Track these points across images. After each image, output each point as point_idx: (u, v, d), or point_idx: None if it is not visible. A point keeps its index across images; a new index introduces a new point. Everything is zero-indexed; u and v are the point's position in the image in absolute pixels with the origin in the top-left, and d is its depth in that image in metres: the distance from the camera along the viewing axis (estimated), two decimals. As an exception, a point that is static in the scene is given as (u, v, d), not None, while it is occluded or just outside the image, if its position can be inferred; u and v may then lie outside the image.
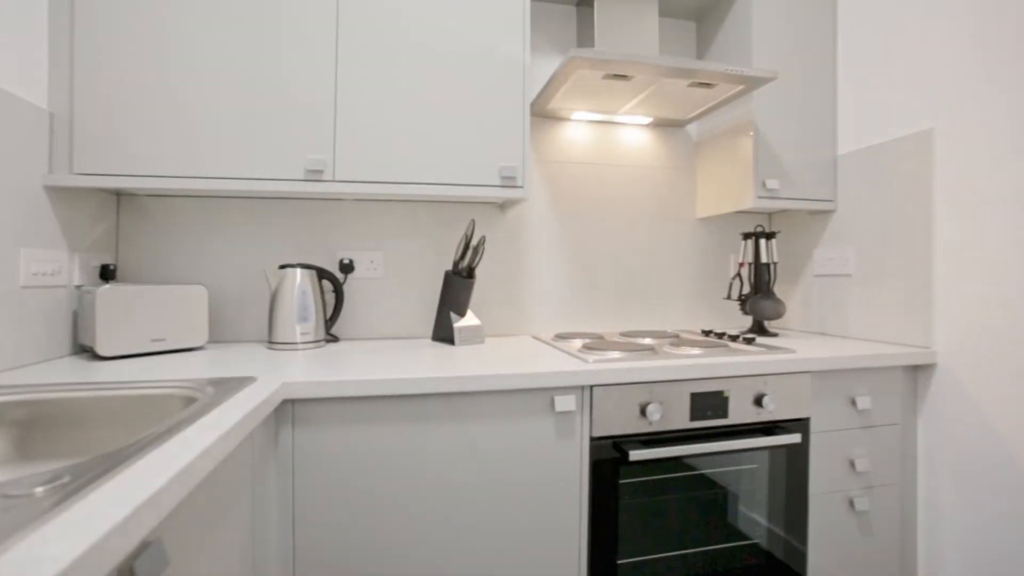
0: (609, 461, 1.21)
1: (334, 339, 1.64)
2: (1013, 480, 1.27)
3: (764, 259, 1.75)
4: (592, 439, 1.20)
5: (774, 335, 1.74)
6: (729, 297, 1.82)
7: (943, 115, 1.42)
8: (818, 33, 1.74)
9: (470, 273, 1.61)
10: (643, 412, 1.22)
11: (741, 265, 1.84)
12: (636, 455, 1.18)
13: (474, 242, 1.74)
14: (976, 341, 1.34)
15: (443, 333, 1.61)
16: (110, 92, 1.25)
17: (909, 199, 1.51)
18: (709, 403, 1.27)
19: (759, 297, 1.72)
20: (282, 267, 1.50)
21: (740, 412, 1.29)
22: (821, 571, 1.39)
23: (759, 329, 1.77)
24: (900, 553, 1.47)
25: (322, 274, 1.57)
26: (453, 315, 1.60)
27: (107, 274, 1.38)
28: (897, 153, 1.54)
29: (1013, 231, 1.27)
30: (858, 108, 1.67)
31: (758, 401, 1.30)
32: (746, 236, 1.79)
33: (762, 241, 1.76)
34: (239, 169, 1.32)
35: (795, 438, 1.30)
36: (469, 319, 1.62)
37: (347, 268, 1.66)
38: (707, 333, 1.70)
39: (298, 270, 1.48)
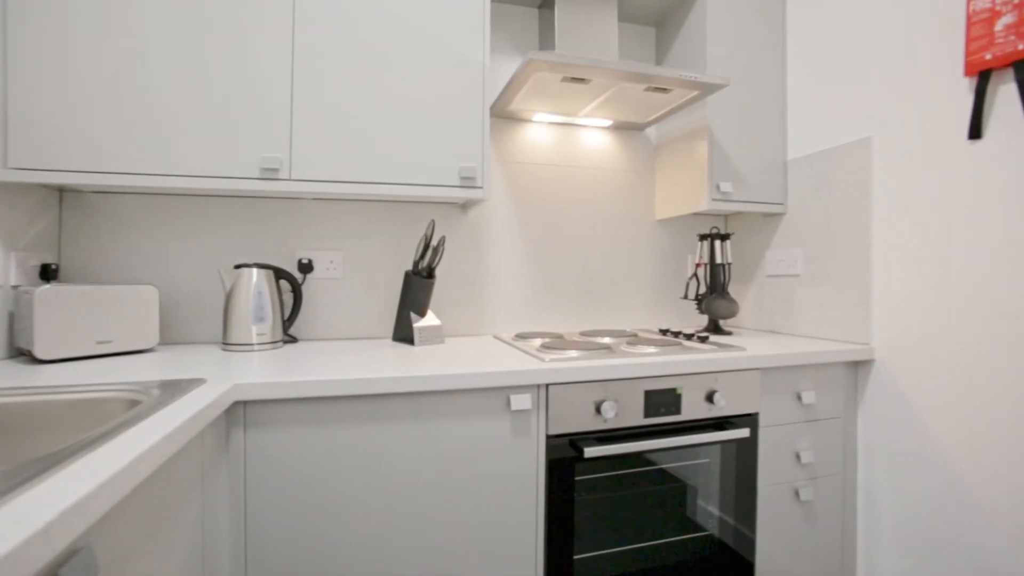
0: (565, 458, 1.23)
1: (292, 340, 1.62)
2: (938, 466, 1.34)
3: (719, 260, 1.80)
4: (548, 437, 1.22)
5: (728, 333, 1.80)
6: (686, 297, 1.87)
7: (880, 125, 1.50)
8: (769, 44, 1.81)
9: (430, 273, 1.61)
10: (598, 410, 1.25)
11: (698, 266, 1.89)
12: (591, 452, 1.20)
13: (434, 242, 1.74)
14: (908, 338, 1.42)
15: (403, 333, 1.61)
16: (50, 84, 1.20)
17: (850, 203, 1.58)
18: (663, 400, 1.30)
19: (714, 297, 1.78)
20: (237, 267, 1.46)
21: (692, 408, 1.34)
22: (769, 558, 1.44)
23: (714, 328, 1.82)
24: (841, 537, 1.54)
25: (279, 274, 1.54)
26: (413, 315, 1.59)
27: (48, 274, 1.33)
28: (839, 159, 1.61)
29: (942, 235, 1.34)
30: (805, 116, 1.74)
31: (710, 397, 1.35)
32: (702, 237, 1.84)
33: (717, 242, 1.81)
34: (191, 166, 1.28)
35: (744, 432, 1.35)
36: (429, 319, 1.62)
37: (306, 268, 1.64)
38: (664, 332, 1.74)
39: (254, 270, 1.46)
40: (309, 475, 1.06)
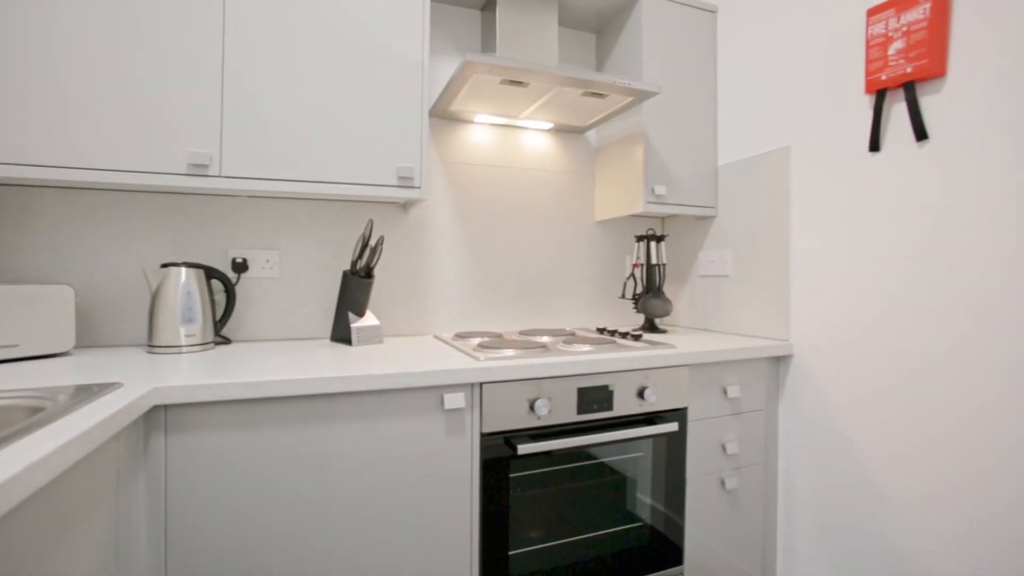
0: (499, 455, 1.26)
1: (225, 341, 1.57)
2: (848, 454, 1.45)
3: (655, 261, 1.88)
4: (483, 435, 1.24)
5: (663, 332, 1.87)
6: (624, 296, 1.93)
7: (798, 135, 1.60)
8: (702, 55, 1.89)
9: (368, 273, 1.60)
10: (532, 407, 1.28)
11: (635, 266, 1.96)
12: (524, 449, 1.23)
13: (372, 242, 1.73)
14: (821, 335, 1.53)
15: (341, 334, 1.59)
16: (-51, 70, 1.12)
17: (773, 208, 1.68)
18: (595, 397, 1.35)
19: (650, 296, 1.84)
20: (164, 265, 1.41)
21: (624, 404, 1.39)
22: (697, 544, 1.52)
23: (650, 326, 1.89)
24: (763, 522, 1.64)
25: (211, 273, 1.50)
26: (351, 315, 1.58)
27: (-52, 273, 1.24)
28: (762, 166, 1.71)
29: (848, 240, 1.45)
30: (735, 123, 1.84)
31: (641, 394, 1.40)
32: (639, 239, 1.91)
33: (653, 244, 1.88)
34: (111, 160, 1.23)
35: (673, 427, 1.41)
36: (368, 319, 1.60)
37: (240, 267, 1.60)
38: (601, 331, 1.79)
39: (183, 269, 1.40)
40: (238, 480, 1.04)
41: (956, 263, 1.22)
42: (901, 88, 1.31)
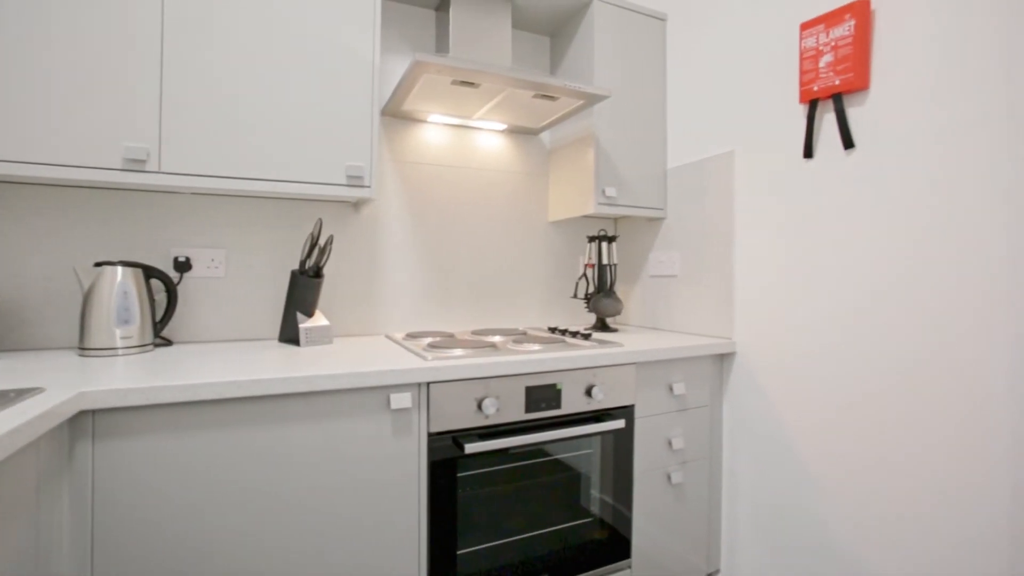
0: (446, 455, 1.26)
1: (166, 343, 1.52)
2: (786, 447, 1.52)
3: (606, 261, 1.91)
4: (430, 434, 1.24)
5: (614, 331, 1.91)
6: (576, 296, 1.96)
7: (740, 141, 1.66)
8: (652, 60, 1.94)
9: (317, 273, 1.58)
10: (480, 406, 1.29)
11: (588, 266, 1.99)
12: (471, 448, 1.24)
13: (321, 242, 1.70)
14: (761, 333, 1.59)
15: (290, 334, 1.56)
16: None
17: (718, 210, 1.74)
18: (543, 395, 1.37)
19: (601, 296, 1.88)
20: (98, 264, 1.35)
21: (572, 402, 1.41)
22: (645, 537, 1.56)
23: (602, 325, 1.93)
24: (708, 514, 1.69)
25: (150, 272, 1.44)
26: (300, 316, 1.55)
27: None
28: (709, 170, 1.77)
29: (785, 241, 1.52)
30: (683, 128, 1.89)
31: (588, 392, 1.43)
32: (591, 239, 1.95)
33: (604, 244, 1.92)
34: (37, 152, 1.17)
35: (620, 423, 1.44)
36: (317, 319, 1.58)
37: (183, 266, 1.55)
38: (553, 330, 1.82)
39: (119, 268, 1.35)
40: (173, 486, 1.01)
41: (878, 262, 1.29)
42: (831, 99, 1.38)
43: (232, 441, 1.06)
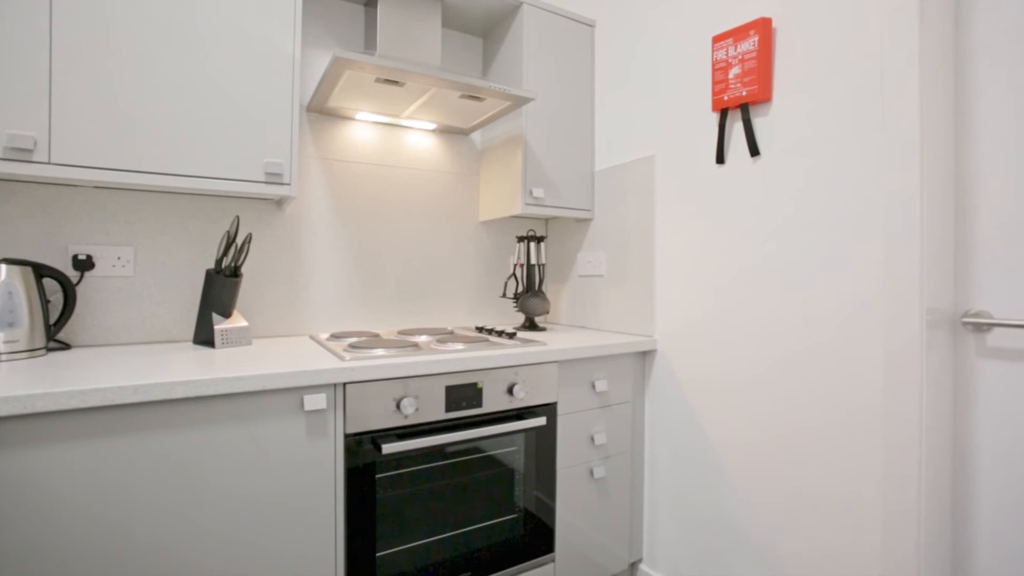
0: (363, 456, 1.25)
1: (64, 346, 1.42)
2: (697, 437, 1.60)
3: (534, 261, 1.94)
4: (347, 436, 1.23)
5: (542, 330, 1.95)
6: (505, 295, 1.98)
7: (660, 146, 1.73)
8: (581, 65, 1.98)
9: (235, 272, 1.52)
10: (399, 406, 1.28)
11: (517, 266, 2.01)
12: (388, 448, 1.23)
13: (239, 240, 1.64)
14: (678, 330, 1.66)
15: (205, 336, 1.50)
16: None
17: (640, 212, 1.80)
18: (464, 394, 1.37)
19: (529, 295, 1.91)
20: (-20, 262, 1.25)
21: (494, 401, 1.43)
22: (569, 531, 1.59)
23: (531, 324, 1.96)
24: (630, 506, 1.75)
25: (43, 271, 1.35)
26: (216, 316, 1.49)
27: None
28: (632, 174, 1.83)
29: (699, 243, 1.59)
30: (609, 131, 1.95)
31: (510, 390, 1.45)
32: (520, 239, 1.97)
33: (532, 244, 1.95)
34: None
35: (541, 421, 1.47)
36: (235, 320, 1.52)
37: (84, 265, 1.45)
38: (480, 330, 1.83)
39: (2, 266, 1.25)
40: (56, 501, 0.95)
41: (783, 262, 1.38)
42: (739, 109, 1.45)
43: (127, 450, 1.00)
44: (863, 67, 1.21)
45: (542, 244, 1.95)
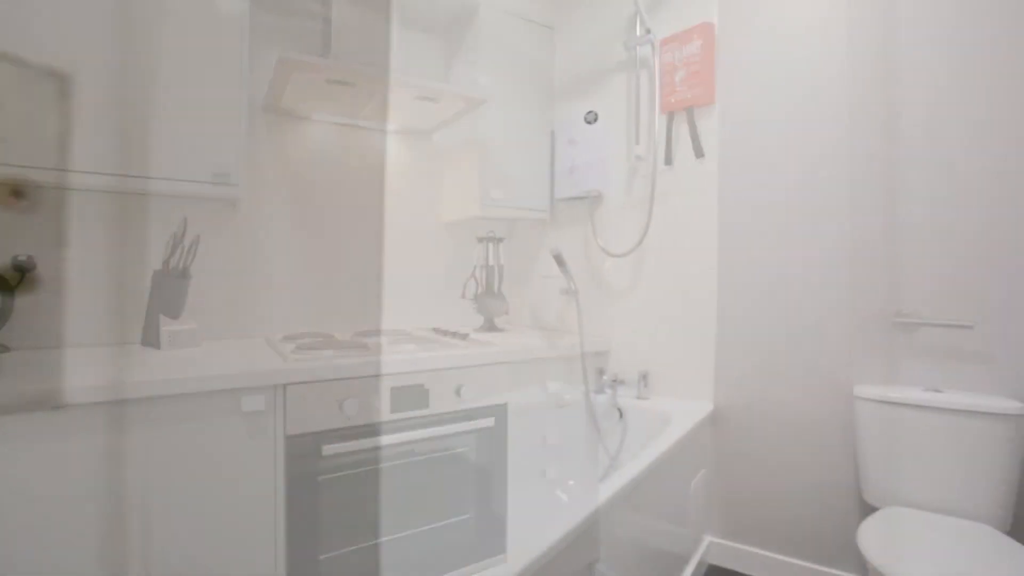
0: (305, 458, 1.24)
1: (3, 349, 1.40)
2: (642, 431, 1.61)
3: (492, 262, 1.95)
4: (288, 437, 1.22)
5: (501, 331, 1.95)
6: (464, 296, 1.99)
7: (614, 146, 1.75)
8: (540, 66, 1.99)
9: (184, 273, 1.51)
10: (341, 407, 1.28)
11: (478, 267, 2.02)
12: (329, 450, 1.23)
13: (186, 242, 1.63)
14: (630, 327, 1.68)
15: (152, 338, 1.48)
16: None
17: (595, 213, 1.82)
18: (409, 395, 1.37)
19: (486, 296, 1.92)
20: (-86, 264, 1.23)
21: (441, 402, 1.43)
22: (522, 529, 1.60)
23: (490, 325, 1.96)
24: (585, 504, 1.76)
25: (-19, 272, 1.33)
26: (164, 318, 1.48)
27: None
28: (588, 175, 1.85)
29: (650, 241, 1.61)
30: (567, 134, 1.96)
31: (458, 391, 1.45)
32: (480, 240, 1.98)
33: (491, 245, 1.96)
34: None
35: (489, 422, 1.48)
36: (182, 322, 1.51)
37: (24, 267, 1.43)
38: (436, 331, 1.83)
39: (-64, 267, 1.23)
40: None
41: (728, 256, 1.40)
42: (685, 112, 1.48)
43: (71, 451, 0.99)
44: (790, 75, 1.24)
45: (500, 245, 1.96)
